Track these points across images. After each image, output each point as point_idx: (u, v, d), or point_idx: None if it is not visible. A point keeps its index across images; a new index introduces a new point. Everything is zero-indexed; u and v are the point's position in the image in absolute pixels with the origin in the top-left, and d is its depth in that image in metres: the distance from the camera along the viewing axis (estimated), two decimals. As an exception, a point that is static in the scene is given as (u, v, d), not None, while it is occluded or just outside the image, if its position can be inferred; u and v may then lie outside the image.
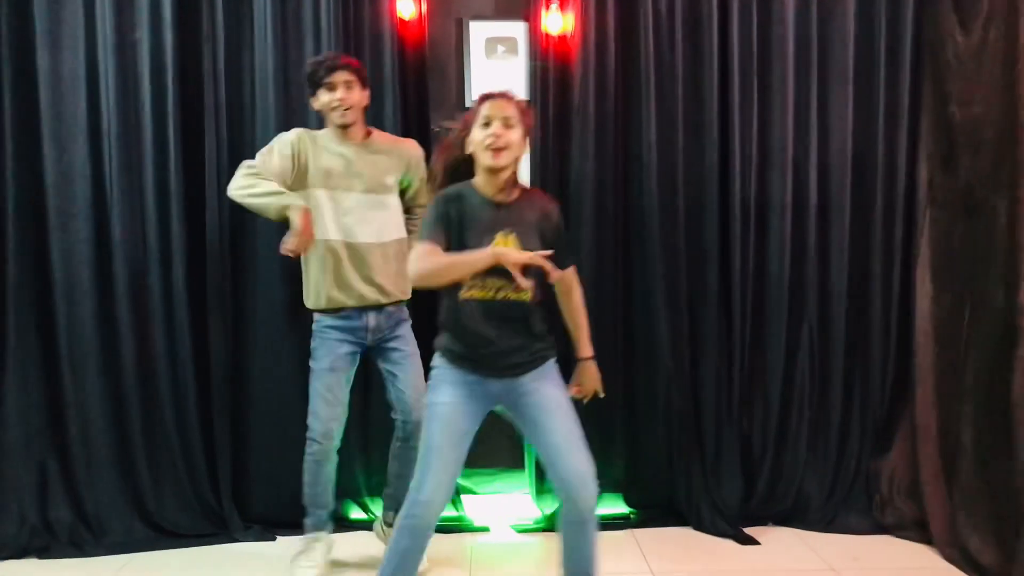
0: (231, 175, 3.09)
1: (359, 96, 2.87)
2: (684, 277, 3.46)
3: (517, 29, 3.55)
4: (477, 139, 2.24)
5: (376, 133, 3.00)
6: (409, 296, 3.01)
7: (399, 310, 2.99)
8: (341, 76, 2.81)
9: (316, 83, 2.84)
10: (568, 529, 2.28)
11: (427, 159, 2.93)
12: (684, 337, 3.46)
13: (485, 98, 2.29)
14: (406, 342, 2.99)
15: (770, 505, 3.48)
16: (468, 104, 3.43)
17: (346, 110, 2.82)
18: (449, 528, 3.35)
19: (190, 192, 3.32)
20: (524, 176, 3.33)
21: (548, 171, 3.41)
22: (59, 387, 3.30)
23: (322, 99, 2.85)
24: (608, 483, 3.43)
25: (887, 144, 3.45)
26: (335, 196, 2.86)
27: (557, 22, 3.38)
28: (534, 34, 3.43)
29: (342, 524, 3.39)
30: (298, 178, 2.83)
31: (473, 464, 3.46)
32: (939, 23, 3.26)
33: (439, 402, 2.29)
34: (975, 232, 3.07)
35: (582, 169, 3.41)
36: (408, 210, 3.03)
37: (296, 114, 3.30)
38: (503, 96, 2.29)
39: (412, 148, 3.05)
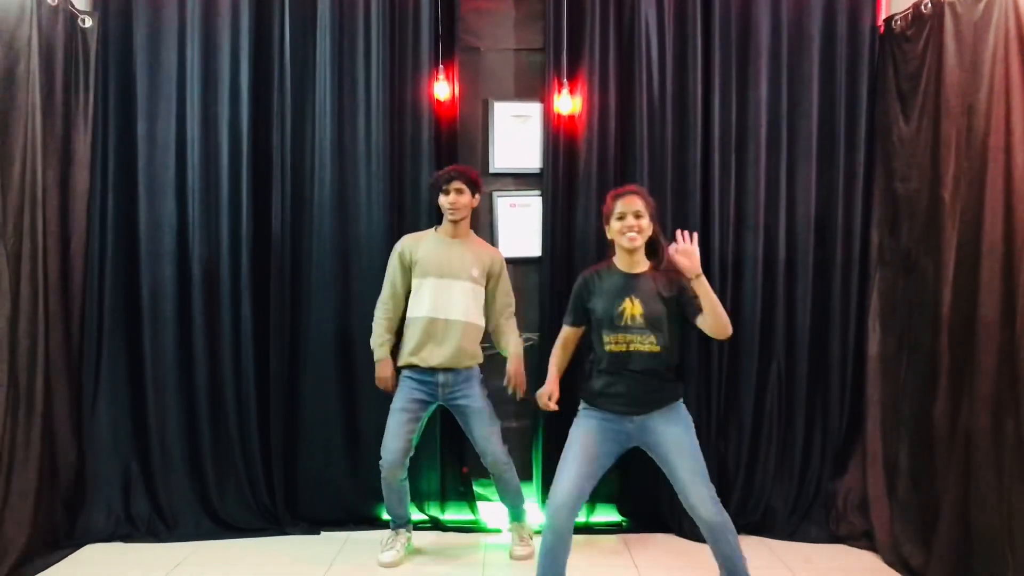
0: (294, 226, 3.75)
1: (467, 200, 3.42)
2: (671, 321, 3.90)
3: (534, 109, 4.03)
4: (615, 228, 2.77)
5: (473, 236, 3.56)
6: (481, 360, 3.51)
7: (469, 371, 3.46)
8: (454, 184, 3.37)
9: (436, 188, 3.42)
10: (708, 537, 2.73)
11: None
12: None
13: (617, 196, 2.79)
14: (474, 398, 3.45)
15: (742, 517, 3.83)
16: (492, 170, 4.04)
17: (455, 210, 3.38)
18: (467, 529, 3.83)
19: (258, 239, 3.81)
20: (538, 229, 3.87)
21: (558, 227, 3.86)
22: (143, 401, 3.77)
23: (440, 200, 3.41)
24: (604, 496, 3.90)
25: (845, 211, 3.87)
26: (430, 281, 3.38)
27: (567, 103, 3.86)
28: (548, 113, 3.89)
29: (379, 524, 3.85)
30: (412, 271, 3.42)
31: (488, 475, 3.95)
32: (887, 112, 3.76)
33: (575, 434, 2.79)
34: (911, 287, 3.54)
35: (586, 227, 3.85)
36: (493, 298, 3.53)
37: (349, 178, 3.82)
38: (631, 192, 2.80)
39: (495, 253, 3.58)
